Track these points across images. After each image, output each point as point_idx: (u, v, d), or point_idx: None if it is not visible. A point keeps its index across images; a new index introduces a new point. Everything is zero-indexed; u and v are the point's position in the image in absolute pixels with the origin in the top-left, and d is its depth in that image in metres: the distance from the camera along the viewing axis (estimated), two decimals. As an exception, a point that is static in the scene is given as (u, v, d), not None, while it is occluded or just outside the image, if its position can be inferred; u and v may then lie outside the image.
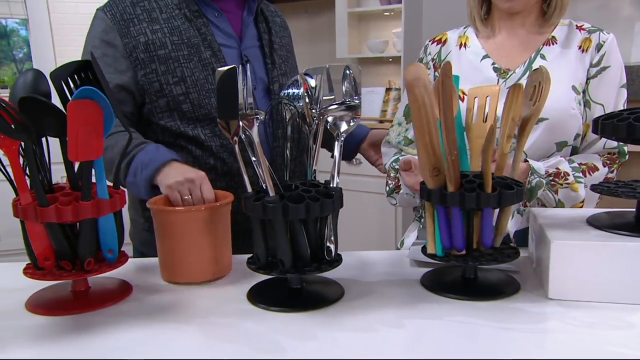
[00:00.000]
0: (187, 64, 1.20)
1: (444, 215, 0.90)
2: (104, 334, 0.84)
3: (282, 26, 1.42)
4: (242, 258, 1.15)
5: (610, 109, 1.21)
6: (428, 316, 0.87)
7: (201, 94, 1.21)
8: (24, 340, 0.83)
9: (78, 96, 0.82)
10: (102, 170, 0.90)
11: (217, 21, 1.26)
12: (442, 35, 1.39)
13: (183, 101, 1.21)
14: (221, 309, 0.93)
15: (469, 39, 1.33)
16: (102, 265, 0.95)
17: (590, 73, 1.23)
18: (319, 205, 0.88)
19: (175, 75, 1.20)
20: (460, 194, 0.87)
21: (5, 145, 0.85)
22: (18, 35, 4.72)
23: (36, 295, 0.98)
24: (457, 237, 0.90)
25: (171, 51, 1.20)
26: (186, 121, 1.23)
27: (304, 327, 0.85)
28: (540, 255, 0.96)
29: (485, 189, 0.87)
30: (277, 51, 1.33)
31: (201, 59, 1.21)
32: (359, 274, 1.06)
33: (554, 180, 1.16)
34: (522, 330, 0.81)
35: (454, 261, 0.93)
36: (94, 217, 0.90)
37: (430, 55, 1.38)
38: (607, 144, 1.22)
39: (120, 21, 1.20)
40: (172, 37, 1.20)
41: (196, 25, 1.23)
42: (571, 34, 1.26)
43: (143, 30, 1.19)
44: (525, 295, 0.92)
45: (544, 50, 1.25)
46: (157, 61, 1.19)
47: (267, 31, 1.33)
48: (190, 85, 1.21)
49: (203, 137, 1.23)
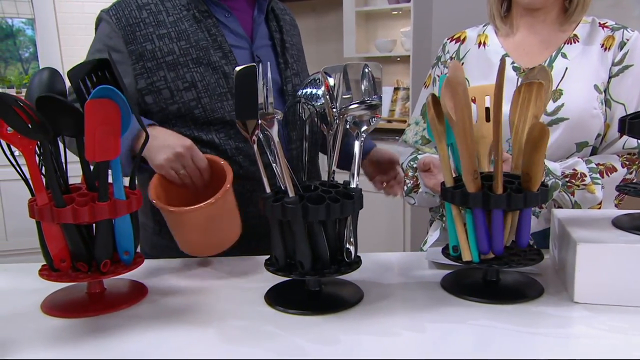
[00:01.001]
0: (197, 68, 1.17)
1: (483, 219, 0.88)
2: (121, 337, 0.83)
3: (292, 24, 1.39)
4: (259, 260, 1.14)
5: (632, 109, 1.19)
6: (451, 320, 0.85)
7: (213, 98, 1.18)
8: (39, 342, 0.82)
9: (96, 95, 0.81)
10: (118, 170, 0.89)
11: (227, 21, 1.22)
12: (461, 33, 1.37)
13: (195, 107, 1.18)
14: (239, 311, 0.91)
15: (488, 37, 1.31)
16: (118, 266, 0.93)
17: (613, 71, 1.20)
18: (339, 207, 0.86)
19: (186, 81, 1.17)
20: (507, 196, 0.85)
21: (22, 145, 0.84)
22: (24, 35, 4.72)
23: (51, 297, 0.97)
24: (498, 240, 0.87)
25: (179, 56, 1.16)
26: (199, 126, 1.20)
27: (324, 330, 0.83)
28: (564, 257, 0.94)
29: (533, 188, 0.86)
30: (289, 50, 1.30)
31: (211, 62, 1.18)
32: (377, 276, 1.04)
33: (570, 182, 1.13)
34: (549, 334, 0.79)
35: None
36: (111, 218, 0.89)
37: (448, 54, 1.36)
38: (627, 144, 1.20)
39: (125, 26, 1.17)
40: (179, 42, 1.17)
41: (206, 26, 1.19)
42: (594, 31, 1.23)
43: (149, 36, 1.16)
44: (549, 299, 0.90)
45: (566, 49, 1.23)
46: (166, 68, 1.16)
47: (278, 30, 1.30)
48: (201, 90, 1.18)
49: (217, 140, 1.20)
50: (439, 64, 1.38)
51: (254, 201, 1.21)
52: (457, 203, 0.89)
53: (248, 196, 1.21)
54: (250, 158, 1.21)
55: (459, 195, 0.88)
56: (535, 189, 0.85)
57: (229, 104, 1.18)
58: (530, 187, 0.85)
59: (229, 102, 1.18)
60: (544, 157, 0.83)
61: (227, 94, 1.18)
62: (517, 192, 0.86)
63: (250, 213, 1.18)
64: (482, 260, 0.90)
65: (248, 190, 1.22)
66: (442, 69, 1.36)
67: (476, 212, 0.88)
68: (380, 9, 3.64)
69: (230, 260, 1.16)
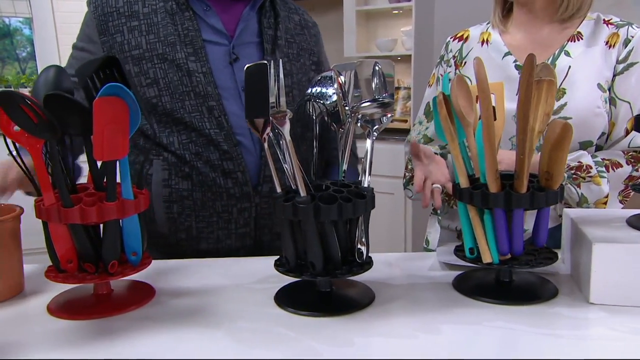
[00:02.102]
0: (161, 64, 1.13)
1: (504, 219, 0.86)
2: (130, 339, 0.81)
3: (302, 25, 1.33)
4: (266, 260, 1.13)
5: (637, 107, 1.18)
6: (467, 321, 0.84)
7: (174, 96, 1.14)
8: (47, 345, 0.80)
9: (104, 93, 0.79)
10: (127, 169, 0.88)
11: (205, 15, 1.18)
12: (464, 31, 1.36)
13: (156, 104, 1.15)
14: (248, 312, 0.90)
15: (491, 35, 1.30)
16: (125, 267, 0.92)
17: (617, 69, 1.19)
18: (352, 206, 0.85)
19: (148, 77, 1.13)
20: (531, 195, 0.84)
21: (29, 144, 0.82)
22: (21, 34, 4.69)
23: (57, 299, 0.95)
24: (518, 240, 0.86)
25: (145, 51, 1.13)
26: (162, 125, 1.16)
27: (337, 332, 0.82)
28: (577, 258, 0.93)
29: (554, 186, 0.85)
30: (282, 48, 1.24)
31: (175, 59, 1.13)
32: (387, 277, 1.03)
33: (576, 174, 1.12)
34: (566, 336, 0.78)
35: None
36: (119, 218, 0.87)
37: (451, 53, 1.35)
38: (633, 142, 1.18)
39: (100, 15, 1.14)
40: (148, 36, 1.14)
41: (180, 19, 1.15)
42: (598, 29, 1.22)
43: (120, 28, 1.14)
44: (564, 300, 0.89)
45: (569, 47, 1.21)
46: (131, 62, 1.13)
47: (272, 26, 1.24)
48: (162, 88, 1.14)
49: (177, 144, 1.16)
50: (442, 63, 1.37)
51: (217, 210, 1.18)
52: (476, 204, 0.87)
53: (210, 205, 1.18)
54: (210, 164, 1.16)
55: (478, 196, 0.86)
56: (556, 187, 0.84)
57: (191, 104, 1.14)
58: (551, 185, 0.84)
59: (190, 102, 1.14)
60: (566, 156, 0.82)
61: (189, 93, 1.13)
62: (538, 190, 0.84)
63: (215, 224, 1.17)
64: (500, 261, 0.89)
65: (210, 198, 1.18)
66: (445, 67, 1.35)
67: (497, 212, 0.86)
68: (380, 8, 3.62)
69: (236, 261, 1.15)
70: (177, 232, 1.20)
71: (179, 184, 1.17)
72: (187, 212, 1.18)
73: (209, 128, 1.14)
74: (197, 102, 1.14)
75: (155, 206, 1.19)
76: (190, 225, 1.19)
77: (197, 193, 1.17)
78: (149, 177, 1.19)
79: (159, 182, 1.18)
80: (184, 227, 1.19)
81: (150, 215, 1.21)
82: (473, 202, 0.88)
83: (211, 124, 1.14)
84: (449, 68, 1.35)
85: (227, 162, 1.13)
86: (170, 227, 1.20)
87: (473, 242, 0.91)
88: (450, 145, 0.89)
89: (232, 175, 1.14)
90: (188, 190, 1.17)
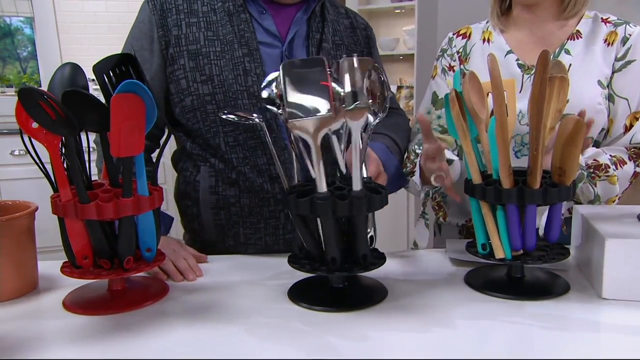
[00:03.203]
0: (217, 62, 1.15)
1: (516, 215, 0.87)
2: (146, 334, 0.82)
3: (352, 26, 1.32)
4: (277, 257, 1.14)
5: (635, 104, 1.19)
6: (480, 317, 0.84)
7: (228, 95, 1.14)
8: (63, 340, 0.81)
9: (122, 90, 0.80)
10: (142, 166, 0.88)
11: (260, 19, 1.19)
12: (467, 29, 1.36)
13: (209, 102, 1.15)
14: (263, 308, 0.90)
15: (492, 34, 1.31)
16: (140, 263, 0.93)
17: (615, 67, 1.20)
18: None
19: (204, 74, 1.14)
20: (544, 190, 0.84)
21: (47, 140, 0.83)
22: (22, 34, 4.69)
23: (73, 294, 0.96)
24: (531, 235, 0.87)
25: (202, 46, 1.14)
26: (209, 124, 1.16)
27: (353, 327, 0.82)
28: (588, 253, 0.93)
29: (566, 182, 0.85)
30: (328, 50, 1.24)
31: (233, 57, 1.15)
32: (398, 273, 1.04)
33: (595, 173, 1.13)
34: (581, 331, 0.79)
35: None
36: (134, 215, 0.88)
37: (455, 48, 1.35)
38: (634, 138, 1.19)
39: (159, 11, 1.15)
40: (207, 32, 1.15)
41: (237, 21, 1.17)
42: (596, 27, 1.23)
43: (179, 22, 1.15)
44: (576, 295, 0.90)
45: (569, 45, 1.22)
46: (187, 56, 1.14)
47: (319, 30, 1.25)
48: (217, 85, 1.14)
49: (224, 147, 1.16)
50: (445, 56, 1.37)
51: (265, 217, 1.18)
52: (489, 200, 0.88)
53: (257, 211, 1.17)
54: (257, 169, 1.16)
55: (492, 192, 0.87)
56: (569, 183, 0.85)
57: (244, 104, 1.14)
58: (564, 181, 0.85)
59: (243, 102, 1.14)
60: (579, 151, 0.82)
61: (243, 93, 1.14)
62: (551, 186, 0.85)
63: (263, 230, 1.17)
64: (513, 256, 0.90)
65: (257, 204, 1.17)
66: (448, 60, 1.35)
67: (510, 208, 0.87)
68: (382, 8, 3.63)
69: (247, 258, 1.16)
70: (225, 239, 1.21)
71: (226, 190, 1.17)
72: (234, 219, 1.18)
73: (259, 129, 1.14)
74: (250, 102, 1.14)
75: (203, 213, 1.20)
76: (238, 232, 1.19)
77: (244, 199, 1.17)
78: (197, 184, 1.19)
79: (207, 189, 1.18)
80: (232, 233, 1.20)
81: (199, 223, 1.22)
82: (486, 198, 0.88)
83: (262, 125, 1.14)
84: (453, 62, 1.35)
85: (275, 167, 1.14)
86: (218, 235, 1.21)
87: (485, 238, 0.91)
88: (462, 141, 0.90)
89: (279, 180, 1.14)
90: (235, 196, 1.17)
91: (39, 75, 4.22)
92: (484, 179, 0.91)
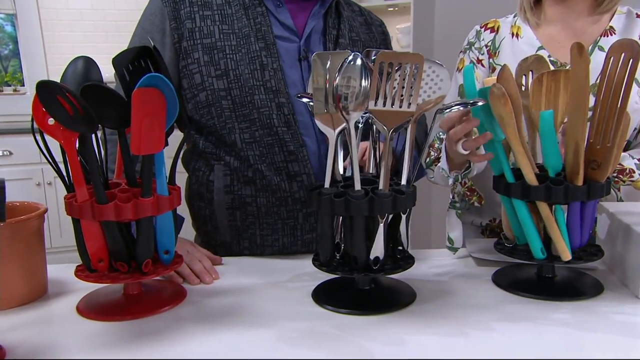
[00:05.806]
0: (233, 56, 1.11)
1: (578, 211, 0.84)
2: (167, 340, 0.78)
3: (367, 23, 1.30)
4: (297, 259, 1.11)
5: None
6: (516, 318, 0.82)
7: (244, 90, 1.10)
8: (79, 347, 0.77)
9: (144, 84, 0.76)
10: (162, 164, 0.84)
11: (276, 12, 1.15)
12: (494, 22, 1.32)
13: (224, 97, 1.11)
14: (288, 311, 0.87)
15: (520, 29, 1.27)
16: (158, 267, 0.88)
17: None
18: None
19: (219, 68, 1.10)
20: (608, 183, 0.83)
21: (64, 137, 0.79)
22: (3, 31, 4.58)
23: (87, 299, 0.91)
24: (587, 232, 0.84)
25: (218, 40, 1.10)
26: (224, 119, 1.12)
27: (385, 330, 0.79)
28: (622, 253, 0.91)
29: (602, 178, 0.84)
30: (345, 47, 1.20)
31: (249, 52, 1.11)
32: (424, 274, 1.01)
33: (618, 177, 1.11)
34: (619, 332, 0.77)
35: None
36: (154, 215, 0.84)
37: (484, 41, 1.31)
38: None
39: (172, 2, 1.11)
40: (222, 26, 1.11)
41: (253, 14, 1.13)
42: (630, 23, 1.20)
43: (192, 15, 1.10)
44: (611, 295, 0.88)
45: (602, 42, 1.20)
46: (201, 50, 1.10)
47: (335, 26, 1.22)
48: (232, 80, 1.10)
49: (240, 144, 1.12)
50: (472, 49, 1.33)
51: (282, 217, 1.13)
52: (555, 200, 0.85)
53: (274, 210, 1.13)
54: (275, 166, 1.11)
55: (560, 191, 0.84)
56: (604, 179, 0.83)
57: (260, 99, 1.10)
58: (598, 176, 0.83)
59: (260, 97, 1.10)
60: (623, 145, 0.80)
61: (260, 87, 1.10)
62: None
63: (280, 231, 1.13)
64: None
65: (275, 204, 1.13)
66: (476, 53, 1.32)
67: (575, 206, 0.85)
68: (375, 5, 3.60)
69: (266, 260, 1.13)
70: (241, 241, 1.16)
71: (241, 189, 1.13)
72: (250, 219, 1.14)
73: (277, 125, 1.10)
74: (267, 97, 1.10)
75: (218, 214, 1.15)
76: (254, 233, 1.14)
77: (261, 199, 1.12)
78: (211, 184, 1.15)
79: (221, 188, 1.13)
80: (247, 235, 1.15)
81: (212, 224, 1.17)
82: (551, 199, 0.85)
83: (279, 121, 1.10)
84: (481, 55, 1.31)
85: (292, 164, 1.09)
86: (232, 236, 1.16)
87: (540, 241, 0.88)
88: (512, 141, 0.86)
89: (297, 178, 1.10)
90: (251, 196, 1.12)
91: (21, 73, 4.11)
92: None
